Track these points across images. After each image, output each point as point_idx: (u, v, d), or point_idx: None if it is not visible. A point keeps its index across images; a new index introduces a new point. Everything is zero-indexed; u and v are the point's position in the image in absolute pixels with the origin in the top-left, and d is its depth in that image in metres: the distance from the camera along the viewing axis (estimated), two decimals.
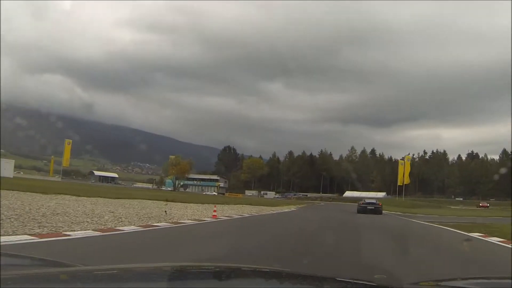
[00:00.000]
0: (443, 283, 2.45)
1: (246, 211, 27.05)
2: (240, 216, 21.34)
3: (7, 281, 1.58)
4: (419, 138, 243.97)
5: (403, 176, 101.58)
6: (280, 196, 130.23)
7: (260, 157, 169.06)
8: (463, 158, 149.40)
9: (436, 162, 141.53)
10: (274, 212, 28.56)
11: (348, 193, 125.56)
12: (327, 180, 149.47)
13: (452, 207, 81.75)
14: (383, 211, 36.55)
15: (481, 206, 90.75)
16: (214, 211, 19.76)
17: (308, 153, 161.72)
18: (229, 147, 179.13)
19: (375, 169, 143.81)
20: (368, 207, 34.97)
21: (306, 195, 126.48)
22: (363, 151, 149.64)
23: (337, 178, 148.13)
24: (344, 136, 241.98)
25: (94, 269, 2.49)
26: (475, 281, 2.67)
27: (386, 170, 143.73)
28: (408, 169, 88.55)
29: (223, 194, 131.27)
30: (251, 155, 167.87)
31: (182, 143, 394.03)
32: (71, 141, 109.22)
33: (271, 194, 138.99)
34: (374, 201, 38.63)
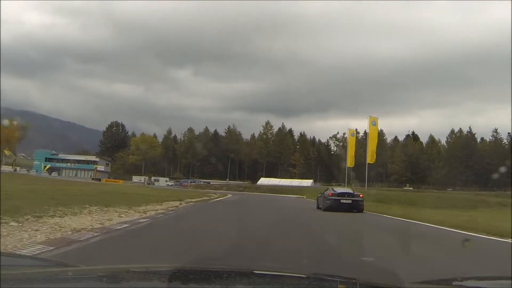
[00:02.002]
0: (444, 283, 2.50)
1: None
2: None
3: (7, 281, 1.60)
4: (331, 128, 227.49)
5: (365, 153, 73.31)
6: (173, 183, 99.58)
7: (155, 135, 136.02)
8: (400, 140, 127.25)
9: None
10: None
11: (263, 180, 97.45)
12: (236, 164, 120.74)
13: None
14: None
15: None
16: None
17: (211, 130, 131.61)
18: (116, 123, 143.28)
19: (297, 151, 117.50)
20: (342, 201, 21.89)
21: (209, 183, 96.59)
22: (281, 129, 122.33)
23: (248, 162, 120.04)
24: (252, 125, 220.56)
25: (94, 269, 2.59)
26: (475, 281, 2.65)
27: (311, 153, 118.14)
28: (375, 139, 59.48)
29: (99, 180, 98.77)
30: (143, 133, 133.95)
31: (88, 129, 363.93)
32: None
33: (163, 181, 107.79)
34: (349, 190, 24.77)
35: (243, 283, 1.99)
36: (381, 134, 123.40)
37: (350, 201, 22.29)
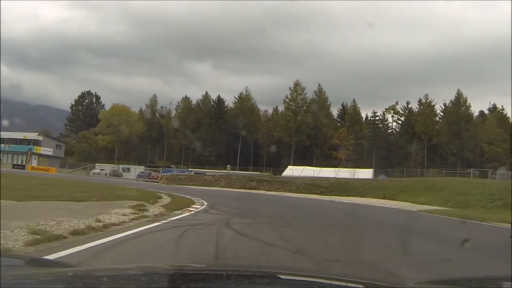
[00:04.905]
0: (444, 283, 2.51)
1: None
2: None
3: (7, 281, 1.60)
4: None
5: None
6: (141, 174, 61.92)
7: (141, 111, 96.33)
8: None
9: (453, 117, 77.56)
10: None
11: (292, 170, 56.76)
12: (249, 146, 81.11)
13: None
14: None
15: None
16: None
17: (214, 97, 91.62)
18: (89, 92, 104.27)
19: (344, 126, 77.18)
20: None
21: (205, 173, 56.81)
22: (318, 92, 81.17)
23: (268, 143, 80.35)
24: None
25: (94, 269, 2.64)
26: (475, 281, 2.66)
27: (363, 130, 78.41)
28: None
29: (23, 168, 62.35)
30: (124, 105, 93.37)
31: None
32: None
33: (138, 170, 69.43)
34: None
35: (243, 283, 1.93)
36: (463, 102, 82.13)
37: None
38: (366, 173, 59.48)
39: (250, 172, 60.11)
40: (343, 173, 58.10)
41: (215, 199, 20.67)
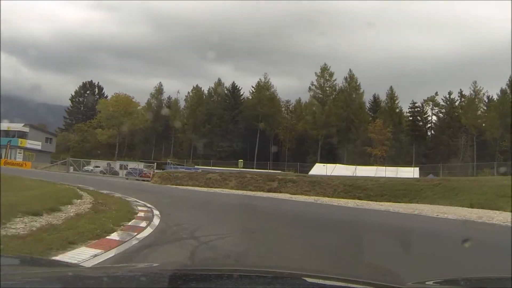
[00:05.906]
0: (444, 283, 2.49)
1: None
2: None
3: (7, 281, 1.60)
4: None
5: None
6: (132, 171, 51.36)
7: (148, 103, 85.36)
8: None
9: (506, 107, 64.89)
10: None
11: (325, 167, 45.11)
12: (268, 140, 69.73)
13: None
14: None
15: None
16: None
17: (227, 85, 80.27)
18: (91, 83, 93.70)
19: (381, 116, 64.97)
20: None
21: (213, 170, 45.43)
22: (349, 79, 69.11)
23: (290, 139, 69.01)
24: None
25: (94, 269, 2.59)
26: (476, 281, 2.63)
27: (403, 123, 66.69)
28: None
29: None
30: (127, 95, 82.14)
31: None
32: None
33: (132, 166, 58.28)
34: None
35: (244, 283, 1.93)
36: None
37: None
38: (411, 172, 48.64)
39: (269, 171, 48.77)
40: (383, 172, 47.14)
41: (193, 216, 9.59)
